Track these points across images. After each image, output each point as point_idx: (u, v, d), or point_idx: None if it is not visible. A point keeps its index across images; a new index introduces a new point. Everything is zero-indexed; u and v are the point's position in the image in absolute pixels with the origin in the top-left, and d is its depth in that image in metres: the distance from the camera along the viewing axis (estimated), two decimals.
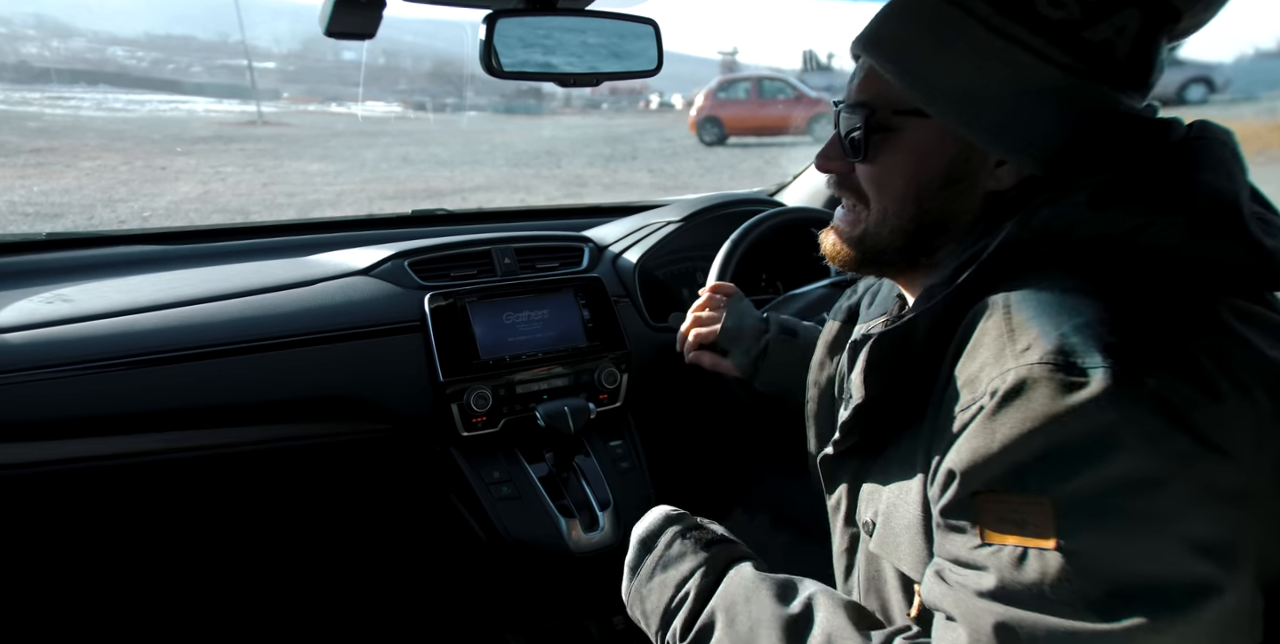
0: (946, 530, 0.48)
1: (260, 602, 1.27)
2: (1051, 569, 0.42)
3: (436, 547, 1.25)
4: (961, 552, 0.47)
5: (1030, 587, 0.43)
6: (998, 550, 0.44)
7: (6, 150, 8.44)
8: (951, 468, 0.47)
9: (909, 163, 0.57)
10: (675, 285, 1.43)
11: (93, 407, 0.92)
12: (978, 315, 0.50)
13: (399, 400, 1.09)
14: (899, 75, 0.56)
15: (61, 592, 1.13)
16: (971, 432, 0.46)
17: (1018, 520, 0.44)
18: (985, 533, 0.45)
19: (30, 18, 13.55)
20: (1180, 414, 0.42)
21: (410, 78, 12.74)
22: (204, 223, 5.58)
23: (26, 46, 12.67)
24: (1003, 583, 0.44)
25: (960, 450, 0.46)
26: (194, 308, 1.02)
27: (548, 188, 7.68)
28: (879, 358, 0.55)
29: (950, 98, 0.54)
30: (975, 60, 0.53)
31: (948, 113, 0.54)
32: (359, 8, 0.90)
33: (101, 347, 0.93)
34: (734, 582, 0.61)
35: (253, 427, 1.03)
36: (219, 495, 1.11)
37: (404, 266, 1.16)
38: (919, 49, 0.55)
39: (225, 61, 14.90)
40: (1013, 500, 0.44)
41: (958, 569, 0.47)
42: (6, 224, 5.48)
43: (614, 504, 1.14)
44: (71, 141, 9.20)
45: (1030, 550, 0.43)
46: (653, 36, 1.02)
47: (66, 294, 1.05)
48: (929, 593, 0.49)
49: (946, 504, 0.47)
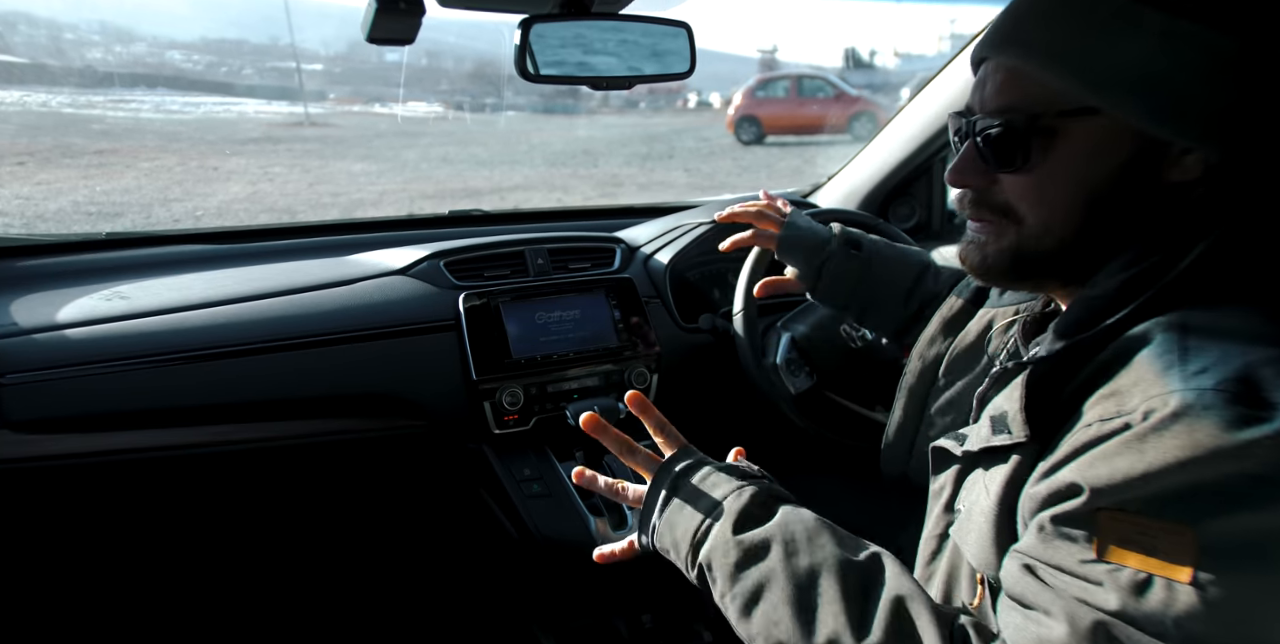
0: (1054, 536, 0.46)
1: (295, 590, 1.31)
2: (1180, 603, 0.40)
3: (468, 542, 1.27)
4: (1067, 561, 0.45)
5: (1152, 615, 0.41)
6: (1116, 570, 0.42)
7: (72, 152, 8.82)
8: (1077, 480, 0.44)
9: (1076, 167, 0.52)
10: (706, 287, 1.44)
11: (145, 401, 0.96)
12: (1142, 334, 0.46)
13: (433, 398, 1.12)
14: (1061, 71, 0.51)
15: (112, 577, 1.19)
16: (1112, 448, 0.43)
17: (1147, 545, 0.42)
18: (1104, 550, 0.43)
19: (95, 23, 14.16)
20: None
21: (451, 78, 12.95)
22: (252, 222, 5.78)
23: (92, 51, 13.22)
24: (1123, 605, 0.42)
25: (1095, 465, 0.44)
26: (240, 306, 1.06)
27: (584, 187, 7.73)
28: (1037, 387, 0.50)
29: (1125, 87, 0.49)
30: (1149, 43, 0.48)
31: (1123, 103, 0.50)
32: (399, 14, 0.93)
33: (155, 343, 0.98)
34: (793, 518, 0.58)
35: (293, 421, 1.06)
36: (260, 488, 1.15)
37: (439, 266, 1.19)
38: (1081, 42, 0.50)
39: (275, 64, 15.33)
40: (1146, 524, 0.42)
41: (1058, 575, 0.45)
42: (71, 223, 5.73)
43: None
44: (131, 143, 9.56)
45: (1156, 578, 0.41)
46: (686, 39, 1.03)
47: (123, 291, 1.10)
48: (1015, 584, 0.48)
49: (1062, 513, 0.45)
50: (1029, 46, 0.53)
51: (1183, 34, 0.48)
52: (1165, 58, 0.48)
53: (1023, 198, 0.55)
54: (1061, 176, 0.53)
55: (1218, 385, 0.41)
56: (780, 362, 1.25)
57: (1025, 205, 0.55)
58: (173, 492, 1.10)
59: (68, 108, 10.71)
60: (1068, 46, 0.51)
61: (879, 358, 1.32)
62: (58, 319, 0.99)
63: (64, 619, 1.19)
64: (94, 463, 0.96)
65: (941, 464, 0.63)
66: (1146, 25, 0.49)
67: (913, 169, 1.56)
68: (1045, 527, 0.46)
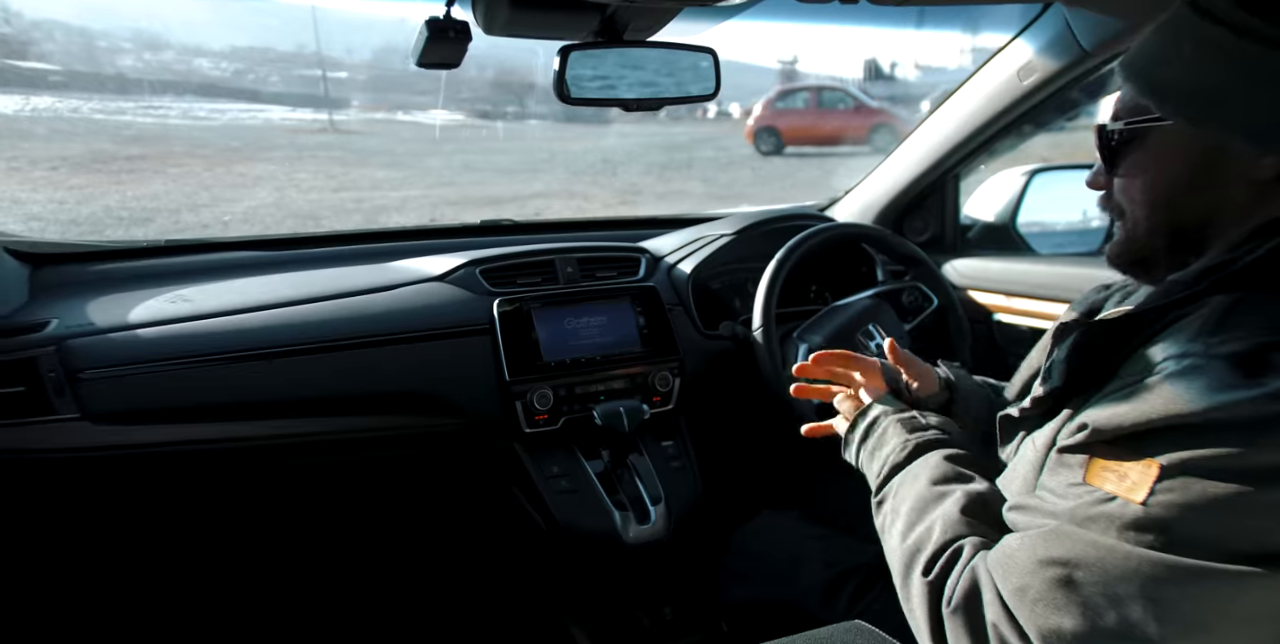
0: (1056, 466, 0.54)
1: (338, 576, 1.39)
2: (1128, 513, 0.48)
3: (500, 534, 1.34)
4: (1058, 485, 0.53)
5: (1098, 515, 0.49)
6: (1091, 491, 0.51)
7: (104, 157, 9.01)
8: (1086, 420, 0.52)
9: (1152, 170, 0.59)
10: (727, 295, 1.50)
11: (210, 396, 1.04)
12: (1193, 312, 0.52)
13: (469, 397, 1.19)
14: (1137, 83, 0.59)
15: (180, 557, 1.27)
16: (1122, 395, 0.51)
17: (1121, 474, 0.49)
18: (1087, 474, 0.51)
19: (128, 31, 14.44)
20: None
21: (473, 87, 13.09)
22: (278, 227, 5.90)
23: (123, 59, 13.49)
24: (1076, 508, 0.50)
25: (1103, 408, 0.51)
26: (294, 308, 1.14)
27: (603, 195, 7.81)
28: (1088, 343, 0.57)
29: (1183, 98, 0.56)
30: (1203, 56, 0.54)
31: (1181, 113, 0.56)
32: (448, 41, 1.01)
33: (218, 342, 1.06)
34: (919, 464, 0.69)
35: (341, 417, 1.14)
36: (308, 479, 1.23)
37: (475, 274, 1.26)
38: (1155, 54, 0.57)
39: (301, 71, 15.54)
40: (1125, 457, 0.49)
41: (1045, 496, 0.54)
42: (103, 227, 5.88)
43: (665, 500, 1.21)
44: (160, 148, 9.73)
45: (1118, 498, 0.49)
46: (711, 63, 1.09)
47: (186, 294, 1.18)
48: (1009, 513, 0.57)
49: (1067, 445, 0.53)
50: (1124, 64, 0.61)
51: (1242, 50, 0.53)
52: (1224, 71, 0.54)
53: (1125, 197, 0.63)
54: (1145, 178, 0.60)
55: (1228, 355, 0.47)
56: None
57: (1127, 203, 0.63)
58: (234, 480, 1.18)
59: (98, 114, 10.93)
60: (1145, 63, 0.58)
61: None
62: (129, 319, 1.08)
63: (133, 596, 1.27)
64: (164, 452, 1.04)
65: (1008, 433, 0.69)
66: (1201, 39, 0.54)
67: (928, 184, 1.61)
68: (1053, 458, 0.55)
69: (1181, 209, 0.59)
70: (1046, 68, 1.27)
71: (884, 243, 1.46)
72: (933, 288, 1.45)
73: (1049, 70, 1.27)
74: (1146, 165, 0.60)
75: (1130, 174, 0.61)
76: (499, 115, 13.44)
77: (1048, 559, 0.50)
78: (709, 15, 1.08)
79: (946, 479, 0.65)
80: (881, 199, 1.67)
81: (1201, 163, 0.57)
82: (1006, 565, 0.53)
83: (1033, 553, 0.51)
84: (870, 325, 1.36)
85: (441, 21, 0.97)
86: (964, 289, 1.58)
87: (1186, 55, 0.55)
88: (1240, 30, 0.52)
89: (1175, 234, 0.60)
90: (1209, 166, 0.57)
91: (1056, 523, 0.51)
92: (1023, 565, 0.51)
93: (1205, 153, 0.57)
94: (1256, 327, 0.48)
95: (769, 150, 10.89)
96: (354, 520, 1.34)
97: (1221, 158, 0.56)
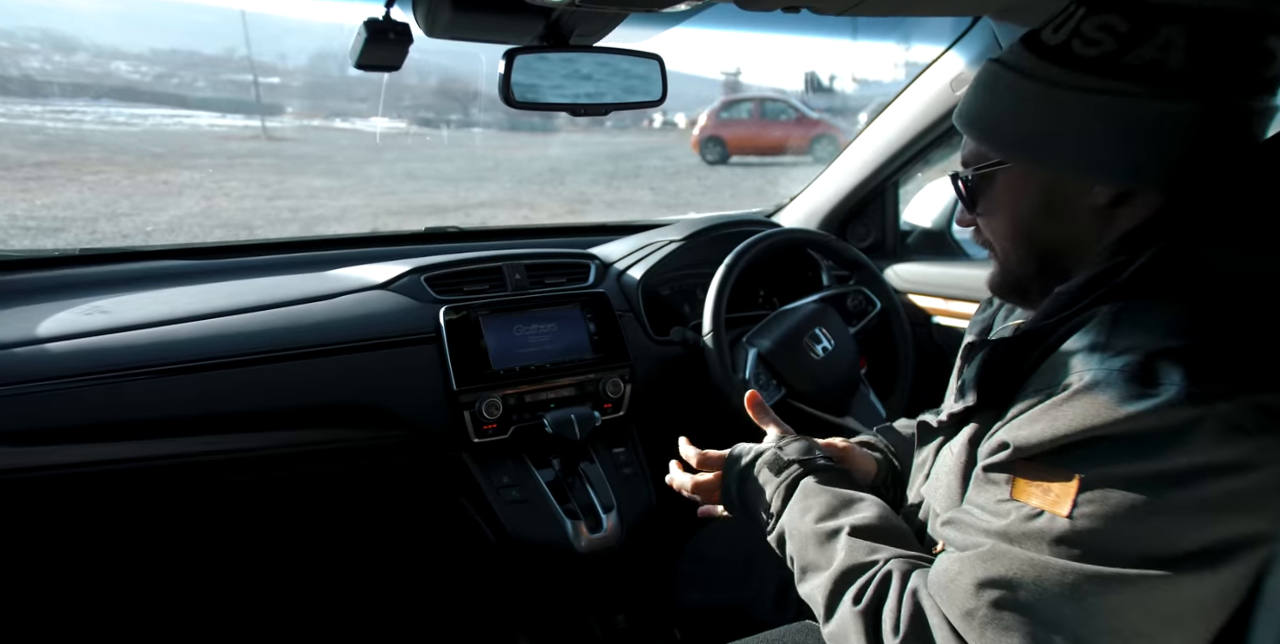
0: (983, 483, 0.56)
1: (274, 600, 1.32)
2: (1056, 528, 0.50)
3: (448, 548, 1.30)
4: (987, 502, 0.56)
5: (1030, 532, 0.51)
6: (1020, 506, 0.53)
7: (8, 164, 8.47)
8: (1007, 439, 0.54)
9: (1006, 207, 0.65)
10: (676, 301, 1.50)
11: (133, 412, 0.98)
12: (1084, 323, 0.55)
13: (414, 408, 1.16)
14: (973, 134, 0.65)
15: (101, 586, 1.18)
16: (1036, 413, 0.53)
17: (1044, 488, 0.52)
18: (1014, 490, 0.54)
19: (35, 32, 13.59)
20: (1241, 435, 0.47)
21: (415, 94, 12.86)
22: (207, 237, 5.64)
23: (29, 60, 12.72)
24: (1009, 527, 0.53)
25: (1021, 428, 0.54)
26: (226, 319, 1.08)
27: (551, 204, 7.77)
28: (993, 362, 0.60)
29: (1012, 143, 0.62)
30: (1023, 105, 0.61)
31: (1016, 156, 0.62)
32: (388, 43, 0.98)
33: (141, 355, 1.00)
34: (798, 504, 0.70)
35: (276, 432, 1.09)
36: (245, 497, 1.17)
37: (420, 281, 1.23)
38: (983, 108, 0.64)
39: (230, 76, 14.99)
40: (1047, 472, 0.52)
41: (976, 513, 0.56)
42: (8, 238, 5.51)
43: (617, 507, 1.20)
44: (74, 155, 9.22)
45: (1045, 512, 0.51)
46: (658, 69, 1.10)
47: (103, 306, 1.11)
48: (943, 528, 0.58)
49: (991, 463, 0.56)
50: (958, 117, 0.68)
51: (1038, 96, 0.60)
52: (1043, 116, 0.60)
53: (990, 232, 0.68)
54: (1002, 215, 0.66)
55: (1123, 367, 0.50)
56: (749, 376, 1.32)
57: (993, 238, 0.68)
58: (162, 501, 1.11)
59: (0, 118, 10.29)
60: (976, 116, 0.65)
61: (840, 367, 1.40)
62: (37, 334, 1.00)
63: (51, 630, 1.18)
64: (85, 473, 0.97)
65: (925, 438, 0.73)
66: (1017, 90, 0.61)
67: (869, 192, 1.66)
68: (979, 476, 0.57)
69: (1040, 240, 0.64)
70: None
71: (829, 248, 1.49)
72: (876, 292, 1.49)
73: None
74: (1001, 204, 0.65)
75: (989, 213, 0.67)
76: (442, 123, 13.24)
77: (988, 581, 0.52)
78: (655, 22, 1.09)
79: (833, 510, 0.67)
80: (825, 206, 1.71)
81: (1045, 197, 0.62)
82: (950, 590, 0.54)
83: (973, 575, 0.53)
84: (817, 329, 1.39)
85: (381, 23, 0.95)
86: (905, 293, 1.62)
87: (1008, 105, 0.62)
88: (1046, 81, 0.59)
89: (1041, 261, 0.65)
90: (1052, 200, 0.62)
91: (992, 542, 0.53)
92: (965, 589, 0.53)
93: (1046, 188, 0.62)
94: (1143, 336, 0.51)
95: (714, 159, 11.07)
96: (295, 539, 1.28)
97: (1061, 191, 0.62)
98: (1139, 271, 0.55)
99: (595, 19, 0.99)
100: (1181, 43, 0.54)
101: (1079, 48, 0.58)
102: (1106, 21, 0.56)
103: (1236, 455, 0.47)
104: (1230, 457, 0.48)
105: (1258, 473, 0.47)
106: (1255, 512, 0.48)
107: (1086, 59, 0.57)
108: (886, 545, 0.63)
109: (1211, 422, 0.47)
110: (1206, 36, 0.54)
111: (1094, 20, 0.57)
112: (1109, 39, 0.56)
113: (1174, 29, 0.54)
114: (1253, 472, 0.47)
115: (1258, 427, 0.47)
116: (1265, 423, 0.48)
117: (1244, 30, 0.54)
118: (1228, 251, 0.54)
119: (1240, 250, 0.53)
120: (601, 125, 14.44)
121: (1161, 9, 0.54)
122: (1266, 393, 0.48)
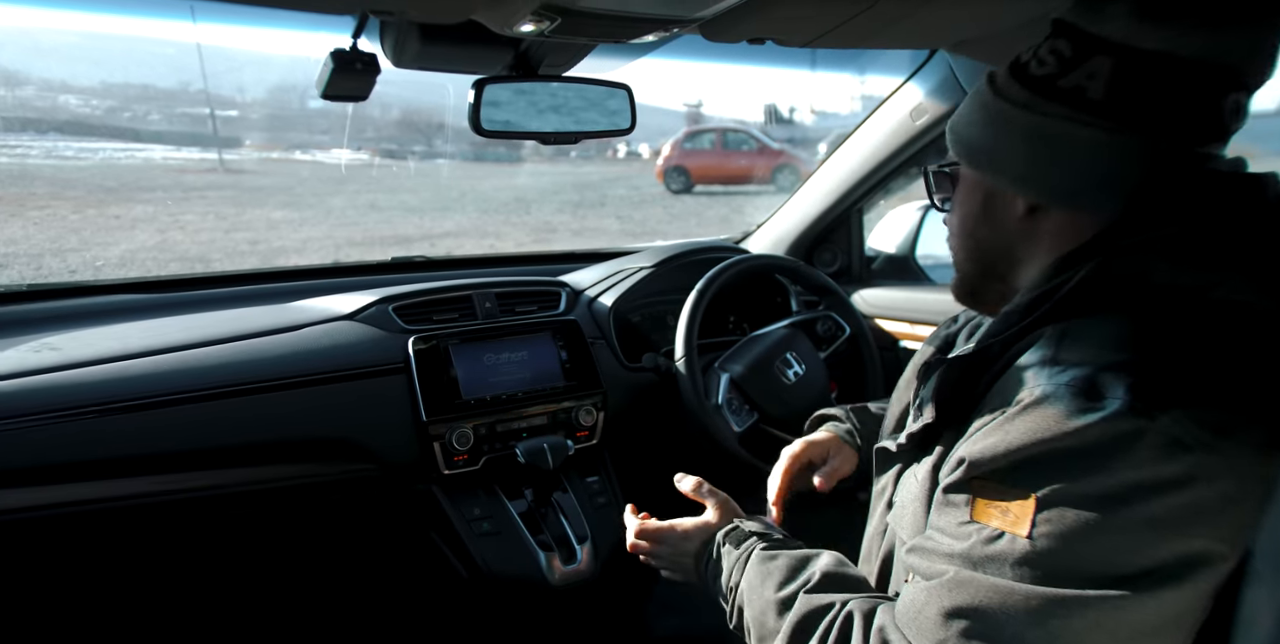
0: (944, 505, 0.57)
1: (244, 640, 1.25)
2: (1017, 549, 0.51)
3: (418, 584, 1.25)
4: (949, 525, 0.56)
5: (992, 556, 0.52)
6: (980, 528, 0.53)
7: None
8: (963, 456, 0.55)
9: (959, 204, 0.70)
10: (647, 328, 1.50)
11: (86, 451, 0.93)
12: (1034, 341, 0.57)
13: (383, 441, 1.12)
14: (948, 135, 0.69)
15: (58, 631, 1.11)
16: (990, 429, 0.54)
17: (1003, 508, 0.52)
18: (974, 512, 0.54)
19: None
20: (1182, 450, 0.48)
21: (377, 125, 12.83)
22: (162, 271, 5.48)
23: None
24: (970, 549, 0.53)
25: (975, 443, 0.55)
26: (184, 353, 1.05)
27: (517, 234, 7.76)
28: (950, 380, 0.62)
29: (965, 147, 0.67)
30: (977, 116, 0.65)
31: (964, 159, 0.67)
32: (355, 73, 0.98)
33: (94, 393, 0.95)
34: (754, 572, 0.71)
35: (240, 468, 1.04)
36: (207, 537, 1.11)
37: (388, 311, 1.20)
38: (960, 114, 0.68)
39: (186, 110, 14.74)
40: (1003, 491, 0.52)
41: (939, 537, 0.56)
42: None
43: (591, 538, 1.18)
44: (17, 190, 8.93)
45: (1005, 533, 0.52)
46: (626, 99, 1.11)
47: (53, 343, 1.06)
48: (908, 556, 0.58)
49: (950, 483, 0.56)
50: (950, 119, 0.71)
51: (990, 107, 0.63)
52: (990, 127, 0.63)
53: (949, 230, 0.72)
54: (956, 214, 0.71)
55: (1070, 382, 0.51)
56: (722, 402, 1.32)
57: (950, 236, 0.72)
58: (120, 543, 1.05)
59: None
60: (954, 121, 0.69)
61: (811, 392, 1.40)
62: None
63: None
64: (33, 518, 0.91)
65: (883, 464, 0.73)
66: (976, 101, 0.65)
67: (834, 218, 1.69)
68: (940, 498, 0.58)
69: (981, 241, 0.68)
70: (935, 109, 1.37)
71: (798, 273, 1.51)
72: (845, 317, 1.51)
73: (938, 111, 1.37)
74: (957, 201, 0.70)
75: (952, 210, 0.72)
76: (407, 154, 13.21)
77: (955, 610, 0.52)
78: (622, 52, 1.10)
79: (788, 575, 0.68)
80: (792, 232, 1.73)
81: (985, 202, 0.67)
82: (919, 622, 0.54)
83: (940, 605, 0.53)
84: (788, 354, 1.40)
85: (348, 53, 0.94)
86: (871, 317, 1.65)
87: (972, 114, 0.66)
88: (1004, 95, 0.63)
89: (982, 263, 0.69)
90: (989, 205, 0.66)
91: (955, 569, 0.53)
92: (933, 620, 0.53)
93: (987, 193, 0.66)
94: (1089, 351, 0.53)
95: (679, 189, 11.23)
96: (260, 579, 1.21)
97: (997, 198, 0.66)
98: (1077, 288, 0.57)
99: (564, 50, 1.00)
100: (1104, 74, 0.57)
101: (1034, 67, 0.61)
102: (1057, 46, 0.60)
103: (1179, 471, 0.48)
104: (1173, 472, 0.48)
105: (1201, 489, 0.48)
106: (1204, 529, 0.48)
107: (1034, 78, 0.61)
108: (845, 592, 0.64)
109: (1153, 435, 0.48)
110: (1131, 72, 0.56)
111: (1050, 43, 0.61)
112: (1054, 62, 0.60)
113: (1102, 60, 0.57)
114: (1195, 487, 0.48)
115: (1198, 442, 0.48)
116: (1206, 438, 0.48)
117: (1188, 76, 0.55)
118: (1162, 267, 0.55)
119: (1174, 265, 0.55)
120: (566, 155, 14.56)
121: (1098, 41, 0.57)
122: (1206, 408, 0.49)
